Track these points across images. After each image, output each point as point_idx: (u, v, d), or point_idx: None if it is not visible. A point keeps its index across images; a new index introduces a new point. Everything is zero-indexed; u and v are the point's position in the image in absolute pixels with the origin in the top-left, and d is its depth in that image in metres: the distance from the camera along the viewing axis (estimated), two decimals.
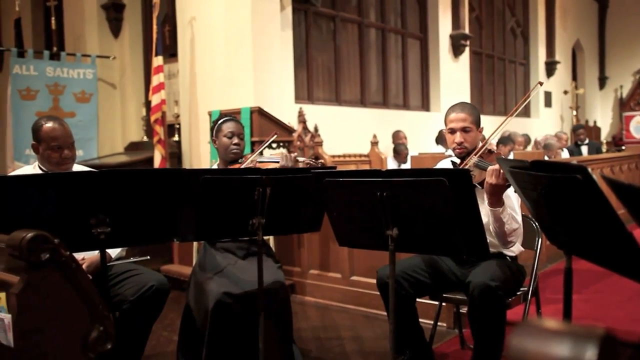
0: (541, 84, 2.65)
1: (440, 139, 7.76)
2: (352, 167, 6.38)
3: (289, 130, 5.07)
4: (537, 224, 2.69)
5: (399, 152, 7.08)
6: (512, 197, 2.48)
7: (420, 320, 2.71)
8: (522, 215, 2.58)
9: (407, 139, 7.70)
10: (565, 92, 13.21)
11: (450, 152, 3.00)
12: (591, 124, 13.83)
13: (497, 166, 2.26)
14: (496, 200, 2.35)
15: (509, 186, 2.26)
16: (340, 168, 2.56)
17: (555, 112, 12.98)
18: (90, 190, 2.08)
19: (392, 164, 7.01)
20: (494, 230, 2.44)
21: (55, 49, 6.62)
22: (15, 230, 1.53)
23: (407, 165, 6.85)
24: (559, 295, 1.85)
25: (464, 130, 2.58)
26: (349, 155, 6.84)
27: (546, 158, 6.21)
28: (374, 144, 7.08)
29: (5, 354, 1.51)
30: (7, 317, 1.49)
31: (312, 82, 7.33)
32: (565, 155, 8.03)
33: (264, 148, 3.06)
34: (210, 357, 2.63)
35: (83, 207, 2.07)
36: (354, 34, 8.09)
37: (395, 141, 7.54)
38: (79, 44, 7.00)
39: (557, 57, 12.61)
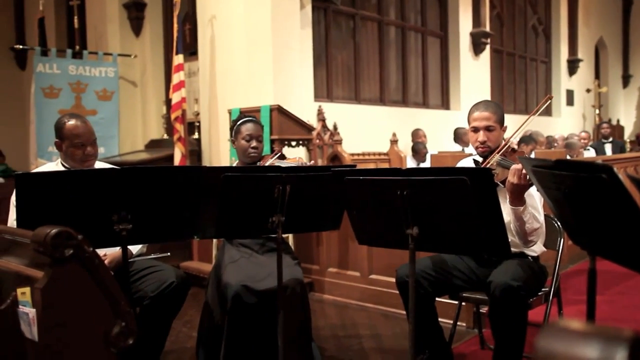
0: (551, 97, 2.62)
1: (457, 137, 7.68)
2: (372, 166, 6.36)
3: (308, 128, 5.07)
4: (559, 223, 2.66)
5: (418, 151, 7.03)
6: (534, 196, 2.45)
7: (440, 319, 2.69)
8: (545, 215, 2.55)
9: (427, 138, 7.65)
10: (588, 91, 13.02)
11: (470, 150, 2.97)
12: (614, 122, 13.61)
13: (519, 165, 2.23)
14: (517, 199, 2.32)
15: (531, 185, 2.24)
16: (359, 166, 2.55)
17: (578, 111, 12.80)
18: (112, 187, 2.10)
19: (410, 163, 6.97)
20: (514, 228, 2.41)
21: (77, 47, 6.71)
22: (39, 226, 1.55)
23: (426, 164, 6.81)
24: (581, 296, 1.82)
25: (488, 129, 2.56)
26: (368, 154, 6.82)
27: (568, 157, 6.13)
28: (394, 142, 7.05)
29: (30, 348, 1.53)
30: (32, 312, 1.52)
31: (331, 80, 7.32)
32: (591, 154, 7.94)
33: (276, 157, 2.99)
34: (228, 351, 2.65)
35: (105, 204, 2.10)
36: (374, 32, 8.06)
37: (415, 140, 7.49)
38: (101, 42, 7.08)
39: (580, 55, 12.43)
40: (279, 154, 3.04)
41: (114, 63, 6.65)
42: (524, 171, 2.20)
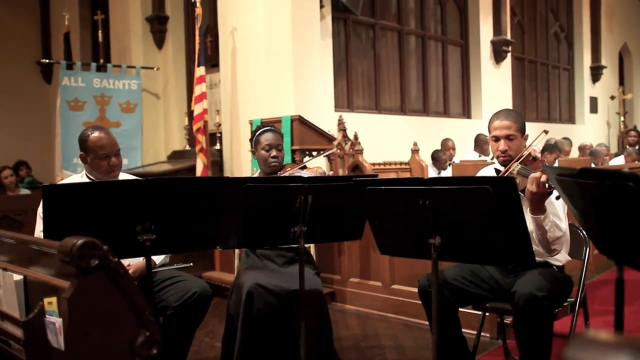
0: (546, 132, 2.58)
1: (476, 144, 7.59)
2: (393, 175, 6.33)
3: (329, 138, 5.08)
4: (584, 233, 2.62)
5: (437, 158, 6.98)
6: (556, 204, 2.42)
7: (463, 330, 2.66)
8: (570, 224, 2.51)
9: (455, 150, 7.54)
10: (612, 98, 12.83)
11: (488, 158, 2.95)
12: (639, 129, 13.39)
13: (538, 174, 2.21)
14: (537, 207, 2.29)
15: (550, 194, 2.21)
16: (380, 176, 2.55)
17: (602, 118, 12.61)
18: (137, 198, 2.13)
19: (431, 171, 6.91)
20: (537, 237, 2.38)
21: (102, 60, 6.85)
22: (65, 237, 1.58)
23: (447, 172, 6.75)
24: (608, 307, 1.79)
25: (508, 138, 2.53)
26: (390, 163, 6.80)
27: (593, 166, 6.04)
28: (415, 151, 7.02)
29: (57, 357, 1.55)
30: (59, 321, 1.54)
31: (351, 90, 7.33)
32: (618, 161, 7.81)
33: (308, 161, 3.03)
34: (243, 349, 2.64)
35: (129, 215, 2.13)
36: (394, 42, 8.06)
37: (444, 150, 7.40)
38: (125, 55, 7.20)
39: (603, 62, 12.25)
40: (325, 153, 3.03)
41: (137, 75, 6.75)
42: (542, 179, 2.18)
